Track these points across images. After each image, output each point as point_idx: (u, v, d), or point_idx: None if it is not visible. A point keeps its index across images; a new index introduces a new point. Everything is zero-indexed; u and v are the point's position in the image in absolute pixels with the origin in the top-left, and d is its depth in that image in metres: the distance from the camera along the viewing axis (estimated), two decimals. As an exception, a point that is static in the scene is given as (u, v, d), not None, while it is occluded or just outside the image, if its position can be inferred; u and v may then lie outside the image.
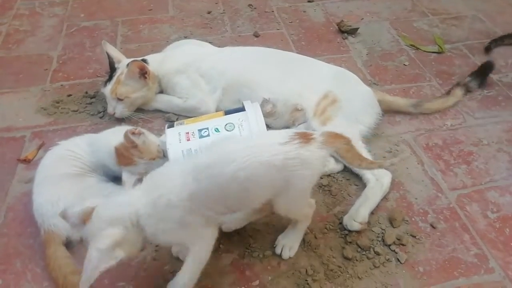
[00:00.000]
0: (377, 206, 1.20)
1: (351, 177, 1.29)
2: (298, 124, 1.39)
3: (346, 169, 1.30)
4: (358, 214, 1.14)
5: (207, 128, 1.11)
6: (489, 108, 1.55)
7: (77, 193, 1.09)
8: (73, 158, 1.16)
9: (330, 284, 1.03)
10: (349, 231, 1.13)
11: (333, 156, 1.30)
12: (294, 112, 1.39)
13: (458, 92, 1.55)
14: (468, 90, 1.58)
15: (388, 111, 1.47)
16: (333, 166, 1.29)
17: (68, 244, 1.07)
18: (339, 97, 1.34)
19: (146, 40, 1.84)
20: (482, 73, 1.62)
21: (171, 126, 1.16)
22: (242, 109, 1.15)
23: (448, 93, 1.55)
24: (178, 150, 1.08)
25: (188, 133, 1.11)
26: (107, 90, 1.41)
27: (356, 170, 1.26)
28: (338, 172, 1.30)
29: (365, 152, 1.28)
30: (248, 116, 1.11)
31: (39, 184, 1.13)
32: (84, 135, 1.26)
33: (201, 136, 1.10)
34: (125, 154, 1.08)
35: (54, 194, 1.08)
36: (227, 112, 1.17)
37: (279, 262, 1.07)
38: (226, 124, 1.11)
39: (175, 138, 1.10)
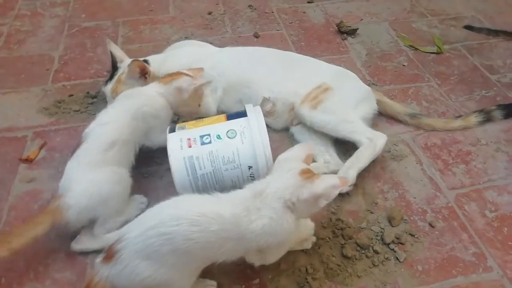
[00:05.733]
0: (376, 205, 1.21)
1: (351, 176, 1.30)
2: (296, 124, 1.40)
3: (345, 169, 1.31)
4: (347, 175, 1.16)
5: (209, 135, 1.10)
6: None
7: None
8: None
9: (329, 282, 1.04)
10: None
11: (333, 159, 1.31)
12: (291, 111, 1.40)
13: (472, 119, 1.45)
14: (489, 119, 1.46)
15: (383, 114, 1.48)
16: (333, 167, 1.30)
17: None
18: (333, 86, 1.34)
19: (147, 40, 1.85)
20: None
21: (173, 129, 1.16)
22: (244, 113, 1.15)
23: (458, 116, 1.47)
24: (180, 157, 1.08)
25: (189, 139, 1.10)
26: (108, 89, 1.42)
27: (352, 140, 1.27)
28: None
29: (360, 122, 1.29)
30: (250, 123, 1.10)
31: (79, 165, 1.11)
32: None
33: (202, 143, 1.09)
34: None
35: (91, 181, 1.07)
36: (229, 117, 1.16)
37: (279, 261, 1.07)
38: (228, 131, 1.11)
39: (176, 145, 1.10)
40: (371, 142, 1.24)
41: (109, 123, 1.16)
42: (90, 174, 1.08)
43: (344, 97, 1.33)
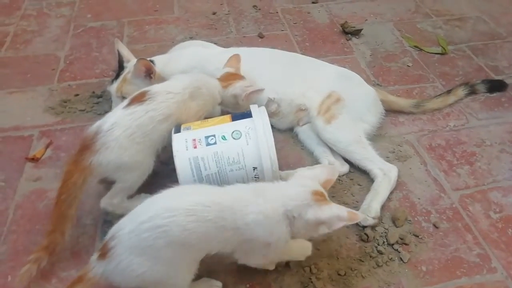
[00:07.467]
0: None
1: (355, 177, 1.30)
2: (302, 124, 1.41)
3: (350, 170, 1.31)
4: (370, 209, 1.16)
5: (214, 136, 1.10)
6: (492, 109, 1.56)
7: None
8: None
9: (333, 282, 1.04)
10: (363, 227, 1.15)
11: (337, 159, 1.32)
12: (298, 112, 1.40)
13: (460, 92, 1.56)
14: (474, 92, 1.59)
15: (390, 111, 1.49)
16: (338, 168, 1.30)
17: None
18: (343, 96, 1.35)
19: (152, 40, 1.86)
20: (495, 82, 1.65)
21: (178, 129, 1.16)
22: (249, 114, 1.14)
23: (449, 92, 1.56)
24: (185, 157, 1.08)
25: (195, 140, 1.10)
26: (113, 88, 1.42)
27: (363, 166, 1.28)
28: (343, 175, 1.31)
29: (371, 150, 1.30)
30: (256, 124, 1.10)
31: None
32: None
33: (208, 144, 1.09)
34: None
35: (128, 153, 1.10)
36: (234, 117, 1.16)
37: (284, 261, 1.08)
38: (233, 132, 1.11)
39: (182, 145, 1.10)
40: (386, 176, 1.24)
41: (171, 93, 1.16)
42: (130, 143, 1.09)
43: (355, 110, 1.35)
